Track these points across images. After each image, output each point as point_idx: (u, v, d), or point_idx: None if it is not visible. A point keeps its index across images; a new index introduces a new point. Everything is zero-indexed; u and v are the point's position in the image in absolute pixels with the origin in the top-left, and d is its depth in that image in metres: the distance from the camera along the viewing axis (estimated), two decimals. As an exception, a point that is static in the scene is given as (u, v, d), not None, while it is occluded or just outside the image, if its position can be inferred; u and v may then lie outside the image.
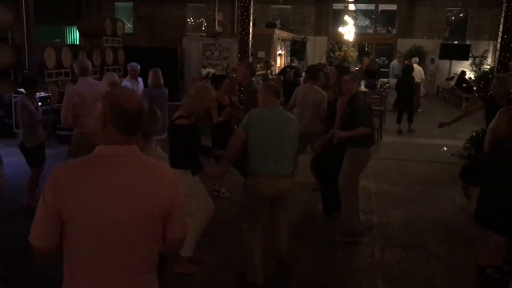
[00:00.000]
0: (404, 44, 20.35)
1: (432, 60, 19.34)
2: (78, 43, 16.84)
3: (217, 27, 16.42)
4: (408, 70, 12.21)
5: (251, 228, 4.14)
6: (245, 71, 6.04)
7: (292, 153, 4.13)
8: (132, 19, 22.98)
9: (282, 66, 15.31)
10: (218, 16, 17.28)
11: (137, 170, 1.88)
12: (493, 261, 4.42)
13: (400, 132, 11.57)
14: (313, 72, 6.77)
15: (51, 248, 1.86)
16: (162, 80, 6.88)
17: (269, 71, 13.67)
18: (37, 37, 10.36)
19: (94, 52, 10.65)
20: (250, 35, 8.19)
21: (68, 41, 19.71)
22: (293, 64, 14.04)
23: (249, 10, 8.11)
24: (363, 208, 6.02)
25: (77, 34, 17.02)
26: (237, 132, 4.17)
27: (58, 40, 17.17)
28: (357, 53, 17.63)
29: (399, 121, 11.73)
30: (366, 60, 15.75)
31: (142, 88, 7.99)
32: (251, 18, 8.19)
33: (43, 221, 1.82)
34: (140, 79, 7.97)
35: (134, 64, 7.82)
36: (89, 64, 5.63)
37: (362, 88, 11.96)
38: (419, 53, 18.52)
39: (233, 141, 4.19)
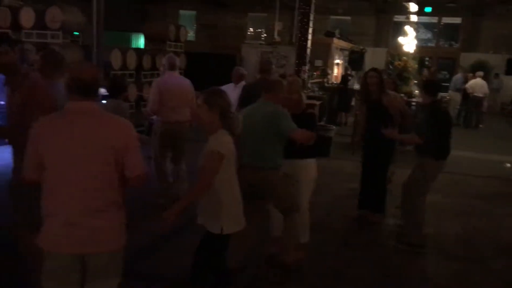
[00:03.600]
0: (467, 58, 19.67)
1: (496, 75, 18.59)
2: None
3: (276, 36, 16.59)
4: None
5: None
6: None
7: (270, 147, 4.02)
8: (195, 26, 23.65)
9: (339, 75, 15.25)
10: (278, 26, 17.44)
11: (96, 119, 2.48)
12: None
13: None
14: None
15: (35, 181, 2.46)
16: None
17: (325, 80, 13.65)
18: (105, 41, 10.86)
19: (157, 55, 11.01)
20: (309, 41, 8.19)
21: (133, 47, 20.53)
22: (349, 72, 14.04)
23: (309, 16, 8.09)
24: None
25: (142, 41, 17.66)
26: None
27: (125, 45, 17.90)
28: (417, 65, 17.21)
29: None
30: (426, 72, 15.38)
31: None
32: (311, 25, 8.20)
33: (30, 158, 2.45)
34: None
35: (240, 68, 7.60)
36: (178, 61, 6.01)
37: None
38: (483, 68, 17.86)
39: None
